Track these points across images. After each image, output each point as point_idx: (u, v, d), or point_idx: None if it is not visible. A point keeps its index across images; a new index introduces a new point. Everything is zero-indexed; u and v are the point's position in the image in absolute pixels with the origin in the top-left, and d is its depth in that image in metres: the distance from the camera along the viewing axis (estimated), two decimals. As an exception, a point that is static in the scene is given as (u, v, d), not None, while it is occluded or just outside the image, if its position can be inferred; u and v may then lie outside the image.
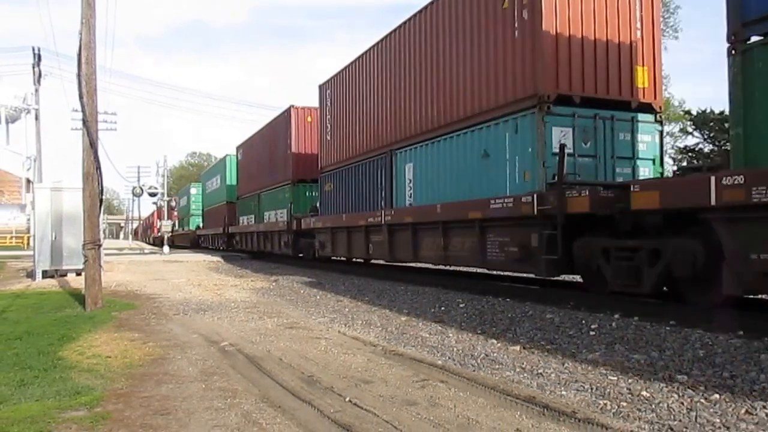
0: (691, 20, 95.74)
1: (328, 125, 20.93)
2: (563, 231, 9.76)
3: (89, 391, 5.68)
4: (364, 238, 17.33)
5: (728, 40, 7.47)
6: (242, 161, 34.53)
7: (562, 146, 9.82)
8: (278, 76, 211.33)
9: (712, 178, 7.22)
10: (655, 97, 11.62)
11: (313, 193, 23.46)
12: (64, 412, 5.06)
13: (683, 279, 8.49)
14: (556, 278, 12.31)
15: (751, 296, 8.77)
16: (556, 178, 9.91)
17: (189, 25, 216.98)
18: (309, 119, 24.43)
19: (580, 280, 10.95)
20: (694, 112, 37.92)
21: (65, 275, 17.83)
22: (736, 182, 6.96)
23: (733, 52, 7.41)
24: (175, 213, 59.98)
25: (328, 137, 20.98)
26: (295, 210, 23.47)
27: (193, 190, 51.67)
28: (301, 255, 24.31)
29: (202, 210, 47.20)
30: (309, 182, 24.04)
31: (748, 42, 7.28)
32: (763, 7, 7.08)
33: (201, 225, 47.64)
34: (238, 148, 35.55)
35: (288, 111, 24.98)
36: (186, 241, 52.27)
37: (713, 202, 7.19)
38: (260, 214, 29.19)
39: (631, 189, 8.58)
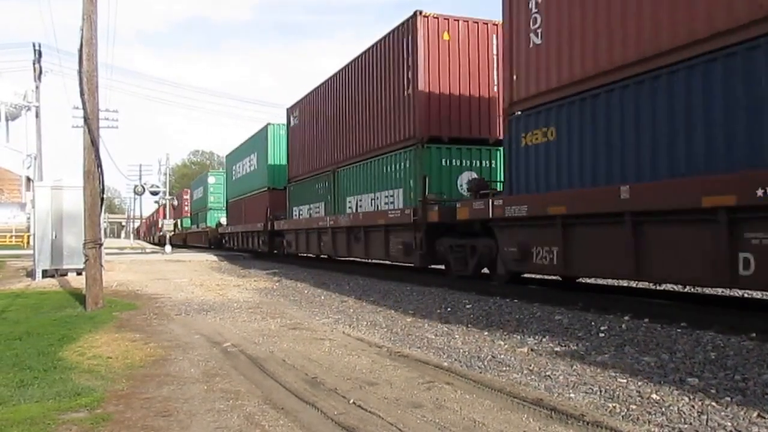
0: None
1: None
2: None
3: (90, 393, 5.61)
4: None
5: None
6: (297, 129, 25.26)
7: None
8: (282, 74, 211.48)
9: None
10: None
11: (460, 162, 15.33)
12: (64, 414, 5.00)
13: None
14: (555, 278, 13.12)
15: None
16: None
17: (191, 22, 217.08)
18: (446, 36, 15.25)
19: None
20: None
21: (65, 275, 17.79)
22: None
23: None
24: (187, 209, 56.75)
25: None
26: (428, 190, 14.62)
27: (211, 180, 46.18)
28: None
29: (226, 202, 39.83)
30: (446, 143, 15.03)
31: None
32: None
33: (224, 221, 40.13)
34: (290, 111, 26.19)
35: (411, 22, 15.23)
36: (202, 241, 47.41)
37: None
38: (337, 202, 20.59)
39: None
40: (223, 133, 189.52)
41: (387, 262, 18.93)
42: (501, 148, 13.86)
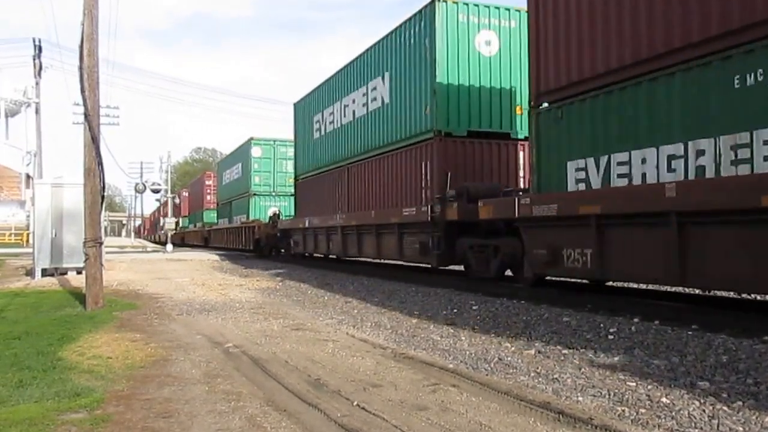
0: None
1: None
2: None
3: (89, 393, 5.56)
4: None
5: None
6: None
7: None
8: (285, 71, 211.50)
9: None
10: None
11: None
12: (64, 414, 4.95)
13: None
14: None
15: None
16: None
17: (193, 18, 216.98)
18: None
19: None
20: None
21: (65, 274, 17.75)
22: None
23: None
24: (210, 198, 48.23)
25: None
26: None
27: (255, 152, 33.45)
28: None
29: (296, 179, 26.23)
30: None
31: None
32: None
33: (274, 210, 31.39)
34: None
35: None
36: (239, 241, 33.45)
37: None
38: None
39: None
40: (224, 130, 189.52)
41: (387, 262, 18.95)
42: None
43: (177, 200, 55.95)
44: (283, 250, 28.33)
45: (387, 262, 19.50)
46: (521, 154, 14.93)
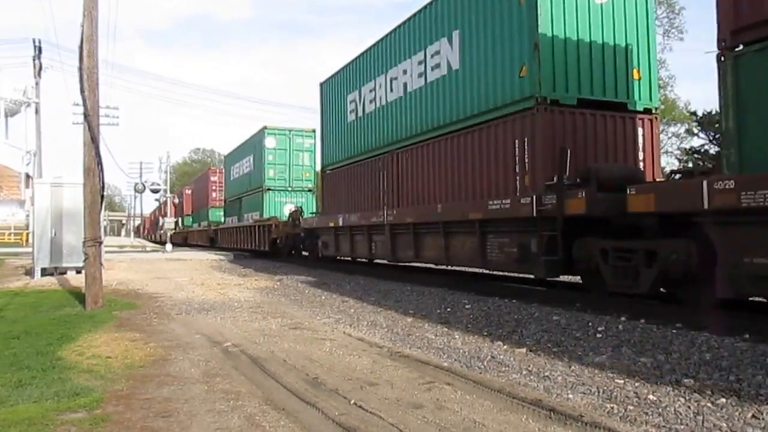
0: (699, 21, 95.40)
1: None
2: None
3: (89, 393, 5.61)
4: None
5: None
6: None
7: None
8: (284, 73, 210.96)
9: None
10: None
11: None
12: (63, 414, 5.00)
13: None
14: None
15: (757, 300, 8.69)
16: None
17: (193, 19, 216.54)
18: None
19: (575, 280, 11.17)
20: (699, 113, 37.80)
21: (65, 273, 17.78)
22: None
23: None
24: (215, 195, 44.68)
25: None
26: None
27: (269, 142, 29.30)
28: None
29: (323, 170, 22.24)
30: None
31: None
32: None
33: (289, 208, 28.09)
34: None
35: None
36: (246, 241, 31.03)
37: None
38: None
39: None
40: (223, 131, 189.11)
41: (380, 263, 18.56)
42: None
43: (176, 200, 55.52)
44: (306, 252, 24.59)
45: (380, 262, 19.17)
46: (640, 130, 11.79)
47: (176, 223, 51.75)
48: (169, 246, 39.29)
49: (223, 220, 40.10)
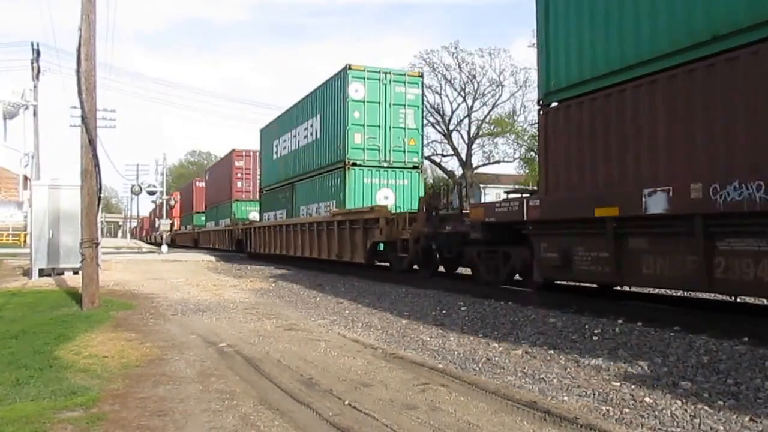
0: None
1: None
2: None
3: (85, 392, 5.62)
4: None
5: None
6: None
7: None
8: (279, 75, 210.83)
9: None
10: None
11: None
12: (60, 413, 5.01)
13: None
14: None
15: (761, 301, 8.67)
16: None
17: (190, 22, 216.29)
18: None
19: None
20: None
21: (62, 274, 17.80)
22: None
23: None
24: (241, 185, 36.64)
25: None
26: None
27: (355, 90, 19.18)
28: None
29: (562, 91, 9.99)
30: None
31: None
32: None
33: (451, 195, 21.73)
34: None
35: None
36: (335, 247, 19.23)
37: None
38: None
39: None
40: (219, 134, 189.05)
41: (380, 265, 18.21)
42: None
43: (174, 199, 55.51)
44: (482, 271, 12.69)
45: (381, 264, 18.62)
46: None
47: (172, 224, 51.44)
48: (165, 247, 39.35)
49: (257, 216, 31.88)
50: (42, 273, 17.67)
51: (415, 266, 15.92)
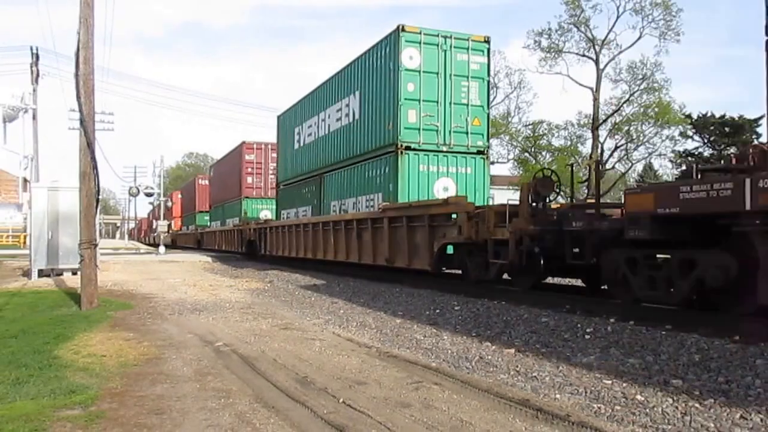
0: (696, 23, 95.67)
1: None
2: None
3: (84, 390, 5.67)
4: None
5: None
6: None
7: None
8: (277, 78, 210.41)
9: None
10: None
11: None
12: (59, 411, 5.06)
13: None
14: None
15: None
16: None
17: (188, 26, 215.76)
18: None
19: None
20: (694, 116, 37.81)
21: (61, 274, 17.87)
22: None
23: None
24: (251, 180, 33.31)
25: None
26: None
27: (409, 57, 15.43)
28: None
29: None
30: None
31: None
32: None
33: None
34: None
35: None
36: (385, 249, 15.13)
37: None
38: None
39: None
40: (217, 136, 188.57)
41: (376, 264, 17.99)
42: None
43: (169, 203, 55.37)
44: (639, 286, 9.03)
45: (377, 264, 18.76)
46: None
47: (170, 225, 51.32)
48: (161, 248, 39.38)
49: (269, 214, 29.51)
50: (41, 274, 17.75)
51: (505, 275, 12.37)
